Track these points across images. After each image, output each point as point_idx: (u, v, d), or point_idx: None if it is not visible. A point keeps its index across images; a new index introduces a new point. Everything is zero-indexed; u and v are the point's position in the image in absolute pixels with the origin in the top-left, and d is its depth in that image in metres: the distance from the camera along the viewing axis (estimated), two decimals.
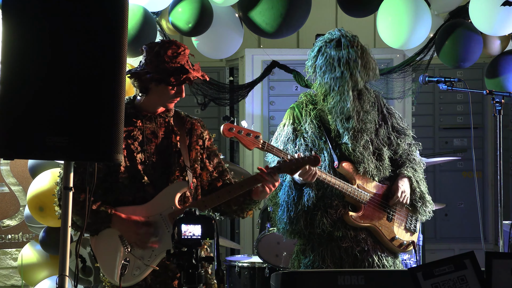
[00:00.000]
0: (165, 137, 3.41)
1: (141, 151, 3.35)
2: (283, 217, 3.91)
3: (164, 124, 3.43)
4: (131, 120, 3.37)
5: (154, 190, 3.33)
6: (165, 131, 3.42)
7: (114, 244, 3.30)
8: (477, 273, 2.61)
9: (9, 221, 5.33)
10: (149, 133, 3.39)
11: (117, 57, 2.70)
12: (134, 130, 3.36)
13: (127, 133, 3.33)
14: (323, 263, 3.89)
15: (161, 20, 4.83)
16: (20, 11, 2.72)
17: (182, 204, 3.37)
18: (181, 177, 3.37)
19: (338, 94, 3.83)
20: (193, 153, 3.46)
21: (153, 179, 3.34)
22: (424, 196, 4.01)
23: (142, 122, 3.39)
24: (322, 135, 3.90)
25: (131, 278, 3.27)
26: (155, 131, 3.41)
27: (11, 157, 2.83)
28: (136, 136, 3.36)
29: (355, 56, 3.81)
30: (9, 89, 2.70)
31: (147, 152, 3.36)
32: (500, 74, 4.96)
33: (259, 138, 3.63)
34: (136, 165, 3.32)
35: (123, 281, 3.18)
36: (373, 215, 3.92)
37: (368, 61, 3.86)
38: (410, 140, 4.08)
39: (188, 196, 3.41)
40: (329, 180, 3.79)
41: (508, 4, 4.43)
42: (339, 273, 3.06)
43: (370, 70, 3.87)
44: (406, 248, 4.03)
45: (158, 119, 3.43)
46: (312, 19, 5.08)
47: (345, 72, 3.81)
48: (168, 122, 3.44)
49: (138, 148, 3.35)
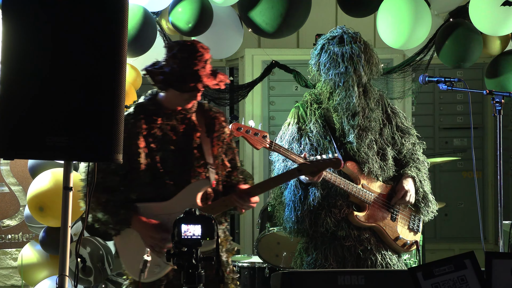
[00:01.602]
0: (185, 134, 3.42)
1: (161, 149, 3.36)
2: (290, 216, 3.91)
3: (185, 120, 3.43)
4: (151, 117, 3.38)
5: (175, 188, 3.35)
6: (186, 127, 3.42)
7: (136, 240, 3.33)
8: (477, 273, 2.61)
9: (9, 221, 5.33)
10: (169, 130, 3.39)
11: (117, 57, 2.70)
12: (154, 128, 3.37)
13: (148, 131, 3.35)
14: (326, 262, 3.89)
15: (161, 20, 4.83)
16: (20, 11, 2.72)
17: (204, 202, 3.39)
18: (202, 175, 3.38)
19: (344, 90, 3.84)
20: (215, 149, 3.46)
21: (174, 177, 3.36)
22: (427, 196, 4.02)
23: (162, 119, 3.39)
24: (327, 135, 3.90)
25: (151, 275, 3.30)
26: (175, 128, 3.41)
27: (11, 157, 2.84)
28: (156, 134, 3.37)
29: (358, 51, 3.82)
30: (9, 89, 2.70)
31: (167, 150, 3.37)
32: (500, 74, 4.96)
33: (267, 138, 3.64)
34: (156, 163, 3.33)
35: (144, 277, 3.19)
36: (378, 215, 3.92)
37: (371, 56, 3.87)
38: (414, 140, 4.08)
39: (210, 193, 3.42)
40: (334, 180, 3.79)
41: (508, 4, 4.44)
42: (339, 273, 3.06)
43: (373, 65, 3.88)
44: (409, 248, 4.04)
45: (179, 116, 3.42)
46: (312, 19, 5.08)
47: (349, 67, 3.81)
48: (189, 119, 3.44)
49: (158, 145, 3.36)
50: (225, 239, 3.55)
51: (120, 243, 3.40)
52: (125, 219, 3.31)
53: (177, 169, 3.37)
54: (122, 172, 3.32)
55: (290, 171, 3.63)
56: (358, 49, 3.82)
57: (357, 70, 3.82)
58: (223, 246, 3.52)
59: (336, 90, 3.86)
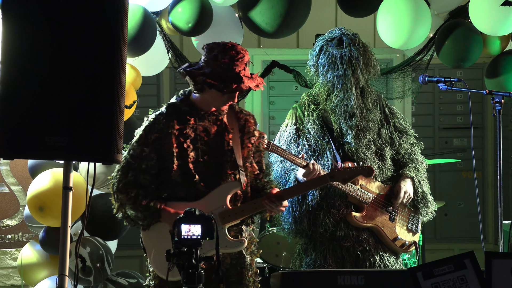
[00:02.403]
0: (217, 135, 3.43)
1: (193, 149, 3.37)
2: (288, 217, 3.91)
3: (217, 121, 3.44)
4: (185, 118, 3.39)
5: (205, 188, 3.36)
6: (218, 129, 3.44)
7: (164, 239, 3.33)
8: (477, 273, 2.62)
9: (9, 221, 5.32)
10: (201, 131, 3.40)
11: (117, 57, 2.70)
12: (187, 128, 3.38)
13: (180, 131, 3.36)
14: (325, 262, 3.89)
15: (161, 20, 4.83)
16: (20, 11, 2.72)
17: (233, 204, 3.40)
18: (233, 176, 3.39)
19: (342, 92, 3.84)
20: (245, 151, 3.48)
21: (205, 177, 3.37)
22: (426, 197, 4.02)
23: (195, 120, 3.40)
24: (325, 135, 3.90)
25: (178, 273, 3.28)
26: (207, 128, 3.42)
27: (11, 156, 2.84)
28: (188, 134, 3.38)
29: (357, 53, 3.82)
30: (9, 89, 2.71)
31: (199, 150, 3.37)
32: (500, 74, 4.95)
33: (264, 138, 3.64)
34: (188, 163, 3.34)
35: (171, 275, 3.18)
36: (376, 215, 3.92)
37: (370, 58, 3.88)
38: (412, 140, 4.08)
39: (240, 195, 3.43)
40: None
41: (507, 4, 4.43)
42: (339, 273, 3.06)
43: (371, 67, 3.88)
44: (408, 249, 4.04)
45: (211, 117, 3.43)
46: (312, 19, 5.08)
47: (348, 70, 3.81)
48: (221, 120, 3.45)
49: (190, 146, 3.36)
50: (250, 241, 3.54)
51: (148, 240, 3.40)
52: (155, 211, 3.33)
53: (208, 170, 3.38)
54: (154, 171, 3.35)
55: (322, 176, 3.62)
56: (356, 52, 3.82)
57: (356, 73, 3.82)
58: (248, 248, 3.53)
59: (334, 92, 3.87)
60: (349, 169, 3.60)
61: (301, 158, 3.71)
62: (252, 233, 3.61)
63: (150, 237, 3.40)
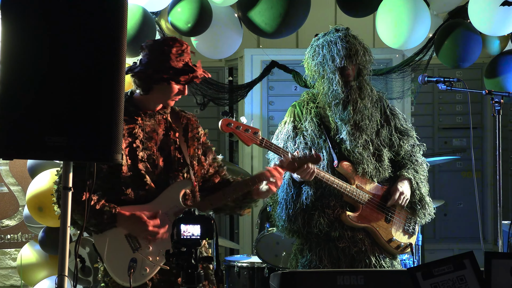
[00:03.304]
0: (164, 134, 3.40)
1: (143, 149, 3.33)
2: (281, 215, 3.92)
3: (163, 120, 3.42)
4: (132, 118, 3.35)
5: (156, 189, 3.31)
6: (164, 128, 3.41)
7: (120, 245, 3.26)
8: (476, 273, 2.61)
9: (8, 221, 5.33)
10: (149, 131, 3.38)
11: (116, 57, 2.70)
12: (135, 128, 3.34)
13: (129, 131, 3.32)
14: (320, 263, 3.89)
15: (160, 20, 4.83)
16: (19, 11, 2.72)
17: (186, 202, 3.36)
18: (181, 174, 3.36)
19: (326, 78, 3.84)
20: (191, 150, 3.45)
21: (155, 177, 3.33)
22: (424, 198, 3.99)
23: (142, 119, 3.38)
24: (322, 134, 3.90)
25: (140, 278, 3.24)
26: (155, 128, 3.39)
27: (11, 157, 2.83)
28: (137, 134, 3.34)
29: (335, 38, 3.82)
30: (8, 89, 2.70)
31: (148, 150, 3.35)
32: (499, 74, 4.96)
33: (258, 134, 3.64)
34: (137, 164, 3.30)
35: (133, 281, 3.13)
36: (371, 216, 3.91)
37: (351, 43, 3.81)
38: (413, 141, 4.06)
39: (189, 193, 3.40)
40: (328, 178, 3.79)
41: (507, 4, 4.44)
42: (339, 273, 3.06)
43: (353, 52, 3.81)
44: (403, 250, 4.03)
45: (157, 116, 3.41)
46: (312, 19, 5.08)
47: (327, 55, 3.82)
48: (166, 119, 3.43)
49: (140, 146, 3.33)
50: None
51: (102, 247, 3.27)
52: (110, 216, 3.22)
53: (158, 170, 3.34)
54: (103, 175, 3.25)
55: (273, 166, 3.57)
56: (336, 38, 3.82)
57: (334, 58, 3.80)
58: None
59: (320, 80, 3.88)
60: (297, 158, 3.61)
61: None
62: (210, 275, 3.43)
63: (106, 243, 3.26)
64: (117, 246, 3.26)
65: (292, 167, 3.59)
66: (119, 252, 3.26)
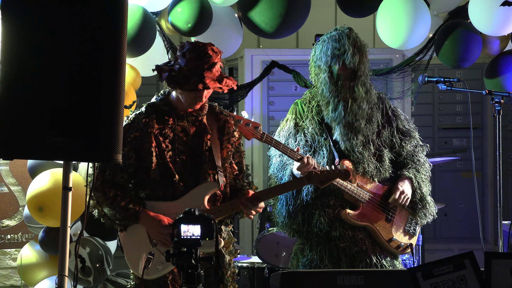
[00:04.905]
0: (196, 135, 3.44)
1: (171, 149, 3.39)
2: (282, 211, 3.92)
3: (196, 122, 3.46)
4: (163, 118, 3.41)
5: (184, 188, 3.39)
6: (197, 129, 3.45)
7: (141, 238, 3.37)
8: (477, 273, 2.62)
9: (8, 221, 5.32)
10: (180, 131, 3.42)
11: (116, 57, 2.71)
12: (166, 128, 3.40)
13: (159, 131, 3.38)
14: (321, 263, 3.89)
15: (161, 20, 4.83)
16: (20, 11, 2.72)
17: (212, 204, 3.42)
18: (211, 177, 3.41)
19: (317, 77, 3.87)
20: (224, 152, 3.49)
21: (184, 177, 3.39)
22: (425, 198, 3.99)
23: (174, 120, 3.42)
24: (323, 132, 3.90)
25: (154, 272, 3.35)
26: (186, 129, 3.43)
27: (11, 157, 2.84)
28: (167, 134, 3.40)
29: (328, 38, 3.83)
30: (9, 89, 2.71)
31: (177, 150, 3.39)
32: (499, 74, 4.96)
33: (259, 129, 3.65)
34: (167, 163, 3.36)
35: (146, 274, 3.25)
36: (371, 215, 3.91)
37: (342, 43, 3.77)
38: (416, 142, 4.06)
39: (220, 195, 3.46)
40: None
41: (507, 4, 4.44)
42: (339, 273, 3.06)
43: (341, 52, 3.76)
44: (403, 251, 4.02)
45: (190, 117, 3.45)
46: (312, 19, 5.09)
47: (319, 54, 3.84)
48: (200, 121, 3.46)
49: (169, 146, 3.39)
50: (229, 241, 3.57)
51: (125, 240, 3.43)
52: (134, 214, 3.35)
53: (186, 170, 3.41)
54: (132, 170, 3.37)
55: (299, 179, 3.66)
56: (329, 37, 3.82)
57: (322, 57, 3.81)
58: (227, 247, 3.56)
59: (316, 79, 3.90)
60: (326, 172, 3.63)
61: (296, 152, 3.71)
62: (231, 233, 3.64)
63: (128, 237, 3.42)
64: (137, 239, 3.38)
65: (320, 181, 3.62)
66: (139, 245, 3.37)
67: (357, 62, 3.80)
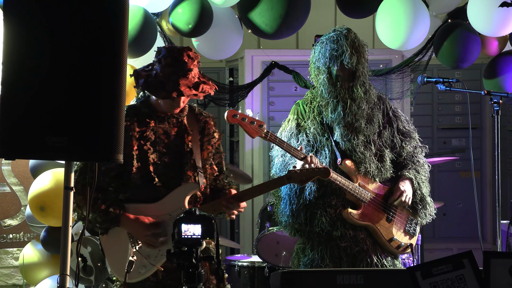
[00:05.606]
0: (177, 137, 3.43)
1: (153, 152, 3.37)
2: (285, 210, 3.92)
3: (177, 123, 3.45)
4: (145, 120, 3.39)
5: (166, 190, 3.36)
6: (178, 131, 3.44)
7: (122, 242, 3.34)
8: (475, 272, 2.63)
9: (10, 220, 5.34)
10: (161, 133, 3.41)
11: (117, 58, 2.71)
12: (147, 131, 3.38)
13: (140, 134, 3.36)
14: (322, 262, 3.90)
15: (161, 21, 4.85)
16: (21, 12, 2.73)
17: (193, 205, 3.40)
18: (192, 178, 3.39)
19: (316, 78, 3.89)
20: (205, 153, 3.48)
21: (165, 180, 3.37)
22: (425, 198, 4.00)
23: (155, 122, 3.41)
24: (325, 132, 3.91)
25: (137, 275, 3.31)
26: (167, 131, 3.42)
27: (12, 157, 2.85)
28: (148, 137, 3.38)
29: (326, 39, 3.84)
30: (9, 89, 2.72)
31: (159, 153, 3.38)
32: (498, 75, 4.98)
33: (263, 127, 3.65)
34: (148, 166, 3.34)
35: (129, 277, 3.23)
36: (373, 214, 3.93)
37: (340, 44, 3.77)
38: (415, 143, 4.07)
39: (200, 196, 3.44)
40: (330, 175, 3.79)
41: (506, 5, 4.45)
42: (339, 273, 3.07)
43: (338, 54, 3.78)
44: (404, 251, 4.03)
45: (171, 119, 3.44)
46: (312, 20, 5.10)
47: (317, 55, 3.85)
48: (181, 122, 3.45)
49: (150, 149, 3.37)
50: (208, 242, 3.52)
51: (106, 243, 3.38)
52: (114, 217, 3.31)
53: (168, 172, 3.38)
54: (113, 173, 3.33)
55: (280, 178, 3.66)
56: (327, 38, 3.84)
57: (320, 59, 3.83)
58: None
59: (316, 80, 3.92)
60: (306, 170, 3.61)
61: (300, 151, 3.72)
62: None
63: (109, 240, 3.38)
64: (119, 242, 3.34)
65: (300, 179, 3.60)
66: (120, 248, 3.34)
67: (355, 63, 3.81)
